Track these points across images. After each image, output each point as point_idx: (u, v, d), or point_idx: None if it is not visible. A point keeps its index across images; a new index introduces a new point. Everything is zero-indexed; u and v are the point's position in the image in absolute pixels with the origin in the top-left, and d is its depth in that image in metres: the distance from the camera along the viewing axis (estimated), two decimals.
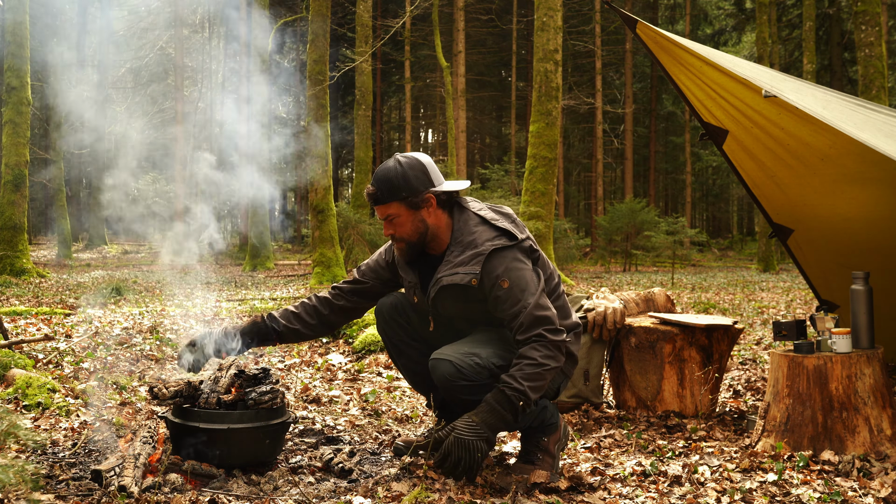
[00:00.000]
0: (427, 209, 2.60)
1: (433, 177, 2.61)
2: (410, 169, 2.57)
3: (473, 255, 2.54)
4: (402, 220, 2.60)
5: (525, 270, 2.53)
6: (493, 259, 2.52)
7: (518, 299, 2.48)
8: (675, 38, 3.43)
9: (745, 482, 2.64)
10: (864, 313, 3.09)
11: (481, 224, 2.60)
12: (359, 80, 19.57)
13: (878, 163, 3.15)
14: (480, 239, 2.55)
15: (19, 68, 13.06)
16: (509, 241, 2.54)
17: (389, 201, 2.57)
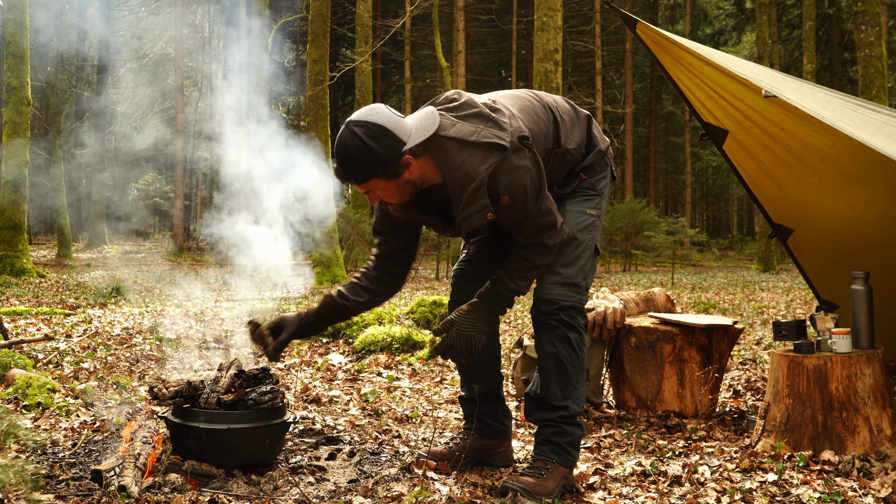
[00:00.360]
0: (407, 171, 2.34)
1: (399, 133, 2.29)
2: (374, 139, 2.26)
3: (474, 189, 2.31)
4: (387, 191, 2.37)
5: (519, 177, 2.33)
6: (493, 182, 2.33)
7: (518, 211, 2.36)
8: (675, 38, 3.43)
9: (745, 482, 2.64)
10: (864, 313, 3.09)
11: (464, 149, 2.32)
12: (359, 80, 19.57)
13: (878, 163, 3.15)
14: (472, 168, 2.30)
15: (19, 68, 13.06)
16: (499, 153, 2.30)
17: (366, 181, 2.32)
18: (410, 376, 4.65)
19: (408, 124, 2.33)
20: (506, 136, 2.32)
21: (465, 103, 2.39)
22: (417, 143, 2.30)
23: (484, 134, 2.32)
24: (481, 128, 2.33)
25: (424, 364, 4.93)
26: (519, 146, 2.35)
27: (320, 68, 14.13)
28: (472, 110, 2.37)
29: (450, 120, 2.36)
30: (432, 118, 2.36)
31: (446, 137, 2.33)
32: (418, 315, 6.30)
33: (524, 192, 2.35)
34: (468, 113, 2.37)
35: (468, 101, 2.40)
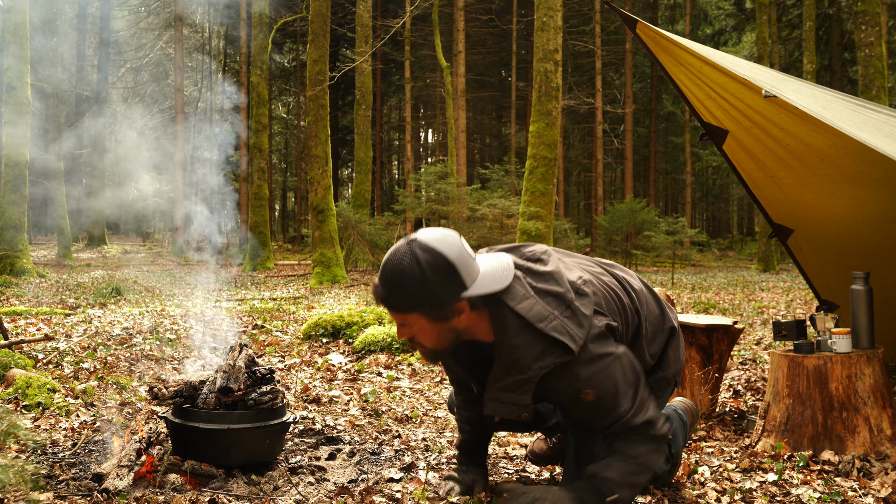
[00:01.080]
0: (458, 318, 1.97)
1: (465, 274, 1.92)
2: (435, 272, 1.88)
3: (521, 381, 1.94)
4: (425, 332, 2.00)
5: (605, 367, 1.93)
6: (553, 380, 1.93)
7: (609, 409, 1.95)
8: (675, 38, 3.43)
9: (745, 482, 2.64)
10: (864, 313, 3.09)
11: (524, 332, 1.92)
12: (359, 80, 19.57)
13: (878, 163, 3.15)
14: (526, 358, 1.92)
15: (19, 68, 13.06)
16: (562, 355, 1.90)
17: (406, 312, 1.95)
18: (410, 376, 4.65)
19: (476, 267, 1.95)
20: (579, 336, 1.91)
21: (551, 274, 2.00)
22: (479, 294, 1.94)
23: (555, 326, 1.91)
24: (555, 315, 1.93)
25: (424, 364, 4.93)
26: (600, 338, 1.96)
27: (320, 68, 14.13)
28: (555, 288, 1.97)
29: (524, 288, 1.97)
30: (506, 273, 1.98)
31: (512, 310, 1.94)
32: None
33: (614, 386, 1.94)
34: (549, 289, 1.97)
35: (555, 274, 2.00)
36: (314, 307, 8.32)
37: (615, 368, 1.94)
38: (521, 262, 2.06)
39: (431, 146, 40.56)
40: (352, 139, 28.25)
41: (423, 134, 41.85)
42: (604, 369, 1.93)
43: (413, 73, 29.88)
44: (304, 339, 5.79)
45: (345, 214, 15.82)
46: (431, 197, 16.67)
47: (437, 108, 32.34)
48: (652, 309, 2.22)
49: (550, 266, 2.03)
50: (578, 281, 2.01)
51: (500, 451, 3.05)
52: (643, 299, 2.20)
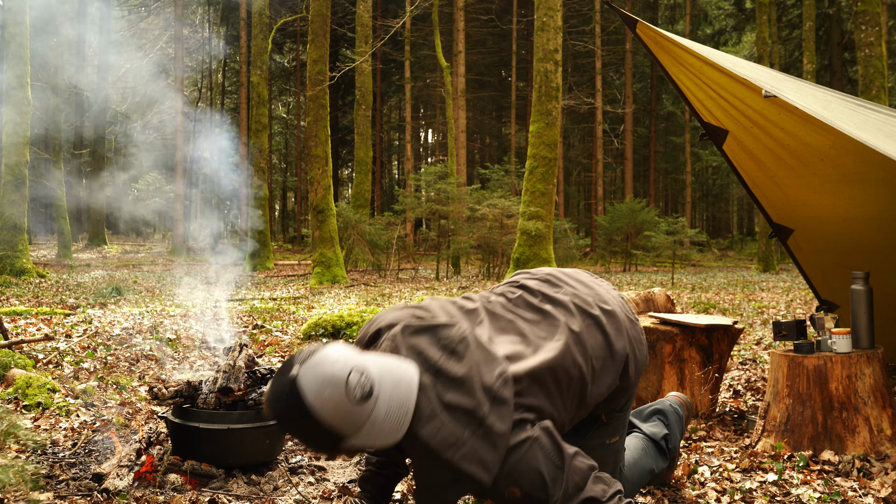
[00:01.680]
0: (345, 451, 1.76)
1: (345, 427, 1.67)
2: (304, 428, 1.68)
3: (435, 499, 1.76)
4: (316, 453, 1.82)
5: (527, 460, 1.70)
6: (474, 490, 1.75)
7: (541, 499, 1.72)
8: (675, 38, 3.43)
9: (745, 482, 2.64)
10: (864, 313, 3.09)
11: (430, 458, 1.70)
12: (359, 80, 19.57)
13: (878, 163, 3.15)
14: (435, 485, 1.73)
15: (19, 68, 13.06)
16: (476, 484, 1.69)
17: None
18: None
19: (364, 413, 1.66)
20: (493, 462, 1.67)
21: (462, 381, 1.72)
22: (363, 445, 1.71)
23: (464, 454, 1.66)
24: (466, 440, 1.67)
25: None
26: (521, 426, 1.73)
27: (320, 68, 14.13)
28: (465, 401, 1.69)
29: (430, 402, 1.70)
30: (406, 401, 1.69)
31: (416, 435, 1.69)
32: None
33: (539, 476, 1.71)
34: (458, 403, 1.69)
35: (467, 380, 1.72)
36: (314, 307, 8.32)
37: (535, 455, 1.70)
38: (434, 358, 1.77)
39: (431, 146, 40.57)
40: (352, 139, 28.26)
41: (423, 134, 41.86)
42: (522, 460, 1.69)
43: (413, 73, 29.88)
44: (304, 339, 5.79)
45: (345, 214, 15.81)
46: (431, 197, 16.66)
47: (437, 108, 32.35)
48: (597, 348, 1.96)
49: (464, 366, 1.74)
50: (497, 382, 1.72)
51: None
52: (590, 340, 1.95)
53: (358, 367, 1.68)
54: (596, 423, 2.07)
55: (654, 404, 2.63)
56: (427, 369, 1.75)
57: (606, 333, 1.98)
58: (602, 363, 1.94)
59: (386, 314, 1.97)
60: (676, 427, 2.56)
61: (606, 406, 2.05)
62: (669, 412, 2.58)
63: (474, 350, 1.78)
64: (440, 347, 1.79)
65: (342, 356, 1.69)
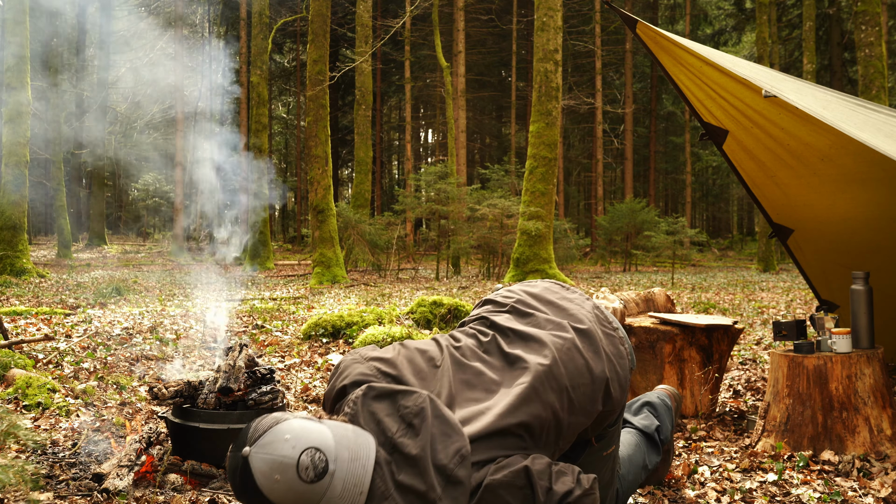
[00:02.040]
0: None
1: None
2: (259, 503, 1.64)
3: None
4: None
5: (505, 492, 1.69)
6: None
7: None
8: (675, 38, 3.43)
9: (745, 482, 2.64)
10: (864, 313, 3.09)
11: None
12: (359, 80, 19.57)
13: (878, 163, 3.15)
14: None
15: (19, 68, 13.07)
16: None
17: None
18: None
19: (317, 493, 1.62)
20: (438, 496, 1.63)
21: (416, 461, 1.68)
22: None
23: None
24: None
25: None
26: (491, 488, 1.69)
27: (320, 68, 14.14)
28: (417, 484, 1.65)
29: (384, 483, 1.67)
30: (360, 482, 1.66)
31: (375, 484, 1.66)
32: (418, 315, 6.30)
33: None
34: (411, 485, 1.65)
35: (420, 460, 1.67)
36: (314, 307, 8.32)
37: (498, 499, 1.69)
38: (391, 431, 1.73)
39: (431, 146, 40.57)
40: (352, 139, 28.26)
41: (423, 134, 41.86)
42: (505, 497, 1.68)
43: (413, 73, 29.88)
44: (304, 339, 5.79)
45: (345, 214, 15.81)
46: (431, 197, 16.67)
47: (437, 108, 32.35)
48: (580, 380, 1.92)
49: (419, 443, 1.70)
50: (453, 462, 1.68)
51: None
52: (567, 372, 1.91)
53: (313, 444, 1.64)
54: (586, 446, 2.05)
55: (643, 397, 2.62)
56: (383, 443, 1.72)
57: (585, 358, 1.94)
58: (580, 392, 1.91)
59: (354, 366, 1.93)
60: (666, 417, 2.56)
61: (595, 430, 2.03)
62: (658, 404, 2.59)
63: (431, 424, 1.73)
64: (398, 419, 1.75)
65: (295, 434, 1.65)
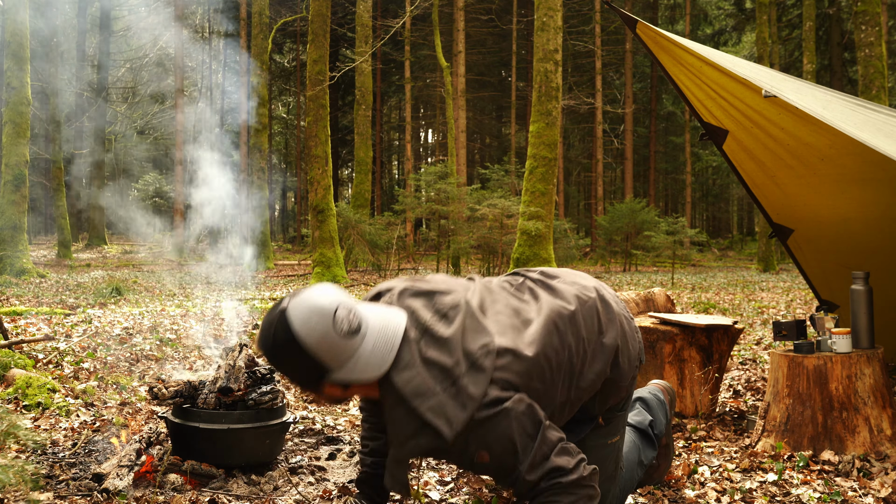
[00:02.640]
0: (330, 392, 1.83)
1: (329, 358, 1.73)
2: (290, 359, 1.74)
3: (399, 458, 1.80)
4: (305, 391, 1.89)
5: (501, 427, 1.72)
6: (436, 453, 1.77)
7: (510, 467, 1.75)
8: (675, 38, 3.43)
9: (745, 482, 2.64)
10: (864, 313, 3.09)
11: (400, 406, 1.74)
12: (359, 80, 19.57)
13: (878, 163, 3.15)
14: (401, 434, 1.75)
15: (19, 68, 13.06)
16: (434, 440, 1.71)
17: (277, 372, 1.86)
18: None
19: (350, 348, 1.73)
20: (458, 421, 1.69)
21: (446, 341, 1.77)
22: (345, 380, 1.76)
23: (431, 406, 1.70)
24: (436, 393, 1.71)
25: None
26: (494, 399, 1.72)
27: (320, 68, 14.13)
28: (444, 359, 1.74)
29: (411, 354, 1.76)
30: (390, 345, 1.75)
31: (391, 380, 1.75)
32: None
33: (511, 443, 1.72)
34: (437, 360, 1.74)
35: (452, 341, 1.77)
36: None
37: (510, 424, 1.71)
38: (425, 318, 1.82)
39: (431, 146, 40.56)
40: (352, 139, 28.24)
41: (423, 134, 41.85)
42: (495, 428, 1.72)
43: (413, 73, 29.88)
44: None
45: (345, 214, 15.81)
46: (431, 197, 16.67)
47: (437, 108, 32.34)
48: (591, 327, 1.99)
49: (452, 328, 1.79)
50: (479, 351, 1.75)
51: None
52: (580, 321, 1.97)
53: (346, 304, 1.76)
54: (593, 424, 2.07)
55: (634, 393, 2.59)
56: (416, 326, 1.81)
57: (600, 320, 2.00)
58: (594, 347, 1.96)
59: (388, 282, 2.04)
60: (660, 412, 2.56)
61: (602, 406, 2.06)
62: (650, 399, 2.60)
63: (465, 318, 1.82)
64: (433, 311, 1.84)
65: (332, 293, 1.78)
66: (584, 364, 1.94)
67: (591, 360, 1.95)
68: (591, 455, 1.97)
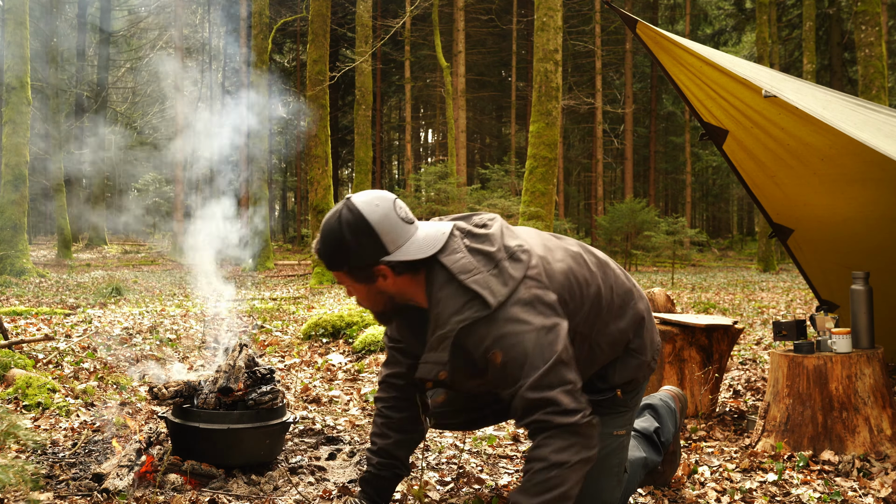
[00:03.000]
0: (383, 280, 1.97)
1: (388, 239, 1.92)
2: (354, 234, 1.91)
3: (440, 337, 1.91)
4: (357, 292, 2.04)
5: (522, 334, 1.83)
6: (469, 337, 1.87)
7: (515, 378, 1.84)
8: (675, 38, 3.43)
9: (745, 482, 2.64)
10: (864, 313, 3.09)
11: (448, 285, 1.90)
12: (359, 80, 19.56)
13: (878, 163, 3.15)
14: (446, 312, 1.89)
15: (19, 68, 13.06)
16: (481, 309, 1.85)
17: (333, 270, 2.01)
18: None
19: (407, 233, 1.95)
20: (501, 293, 1.85)
21: (489, 236, 1.98)
22: (401, 260, 1.93)
23: (477, 279, 1.88)
24: (481, 270, 1.89)
25: None
26: (531, 300, 1.87)
27: (320, 68, 14.13)
28: (487, 247, 1.94)
29: (459, 245, 1.96)
30: (438, 237, 1.96)
31: (440, 262, 1.94)
32: None
33: (523, 355, 1.83)
34: (481, 248, 1.94)
35: (493, 236, 1.98)
36: (314, 307, 8.32)
37: (530, 338, 1.83)
38: (465, 226, 2.05)
39: (431, 146, 40.57)
40: (352, 139, 28.24)
41: (423, 134, 41.85)
42: (517, 334, 1.83)
43: (413, 73, 29.88)
44: (304, 339, 5.79)
45: None
46: (431, 197, 16.68)
47: (437, 108, 32.35)
48: (620, 282, 2.15)
49: (492, 230, 2.01)
50: (516, 247, 1.95)
51: (500, 450, 3.05)
52: (609, 272, 2.13)
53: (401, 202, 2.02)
54: (612, 399, 2.14)
55: (644, 399, 2.62)
56: (459, 229, 2.04)
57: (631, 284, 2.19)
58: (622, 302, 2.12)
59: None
60: (669, 420, 2.57)
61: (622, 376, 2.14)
62: (660, 406, 2.60)
63: (501, 226, 2.04)
64: (472, 224, 2.06)
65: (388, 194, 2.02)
66: (612, 312, 2.08)
67: (617, 312, 2.09)
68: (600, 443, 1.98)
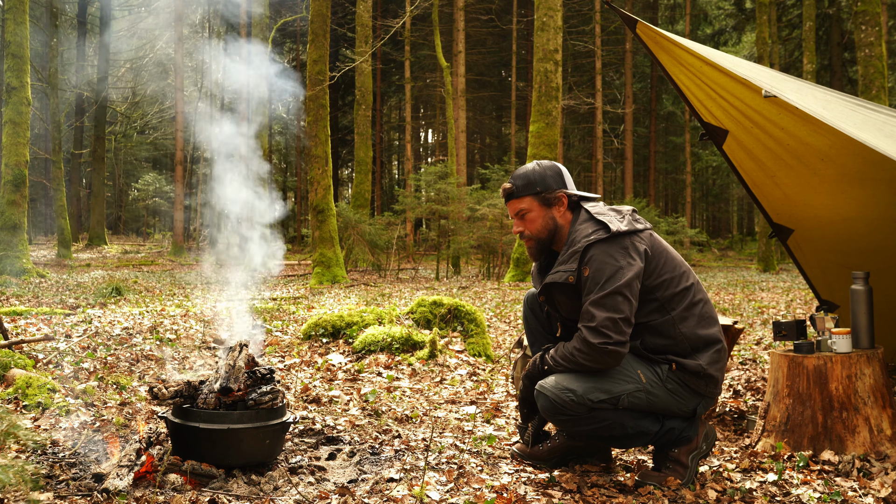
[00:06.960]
0: (558, 207, 2.71)
1: (567, 181, 2.76)
2: (547, 170, 2.74)
3: (572, 252, 2.58)
4: (534, 216, 2.73)
5: (610, 264, 2.50)
6: (587, 252, 2.55)
7: (590, 289, 2.50)
8: (675, 38, 3.43)
9: (745, 482, 2.64)
10: (864, 313, 3.09)
11: (587, 221, 2.64)
12: (359, 80, 19.57)
13: (878, 163, 3.15)
14: (580, 235, 2.60)
15: (19, 68, 13.06)
16: (605, 233, 2.54)
17: (524, 195, 2.72)
18: (410, 376, 4.65)
19: (574, 187, 2.79)
20: (621, 228, 2.56)
21: (620, 210, 2.71)
22: (574, 194, 2.74)
23: (608, 218, 2.60)
24: (611, 216, 2.62)
25: (424, 364, 4.94)
26: (629, 246, 2.54)
27: (320, 68, 14.13)
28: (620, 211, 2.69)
29: (600, 206, 2.73)
30: (596, 196, 2.78)
31: (585, 209, 2.70)
32: (418, 315, 6.29)
33: (603, 274, 2.49)
34: (616, 208, 2.71)
35: (623, 210, 2.70)
36: (314, 307, 8.31)
37: (615, 270, 2.49)
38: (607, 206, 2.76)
39: (431, 146, 40.56)
40: (352, 139, 28.25)
41: (423, 134, 41.85)
42: (608, 263, 2.50)
43: (413, 73, 29.88)
44: (304, 339, 5.79)
45: (345, 214, 15.81)
46: (431, 197, 16.67)
47: (437, 108, 32.35)
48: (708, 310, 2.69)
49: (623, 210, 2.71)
50: (639, 225, 2.64)
51: (500, 451, 3.05)
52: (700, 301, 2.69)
53: None
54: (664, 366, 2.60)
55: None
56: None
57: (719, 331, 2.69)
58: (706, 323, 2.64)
59: None
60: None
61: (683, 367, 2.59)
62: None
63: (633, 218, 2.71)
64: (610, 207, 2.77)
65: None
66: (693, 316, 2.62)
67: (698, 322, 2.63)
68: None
